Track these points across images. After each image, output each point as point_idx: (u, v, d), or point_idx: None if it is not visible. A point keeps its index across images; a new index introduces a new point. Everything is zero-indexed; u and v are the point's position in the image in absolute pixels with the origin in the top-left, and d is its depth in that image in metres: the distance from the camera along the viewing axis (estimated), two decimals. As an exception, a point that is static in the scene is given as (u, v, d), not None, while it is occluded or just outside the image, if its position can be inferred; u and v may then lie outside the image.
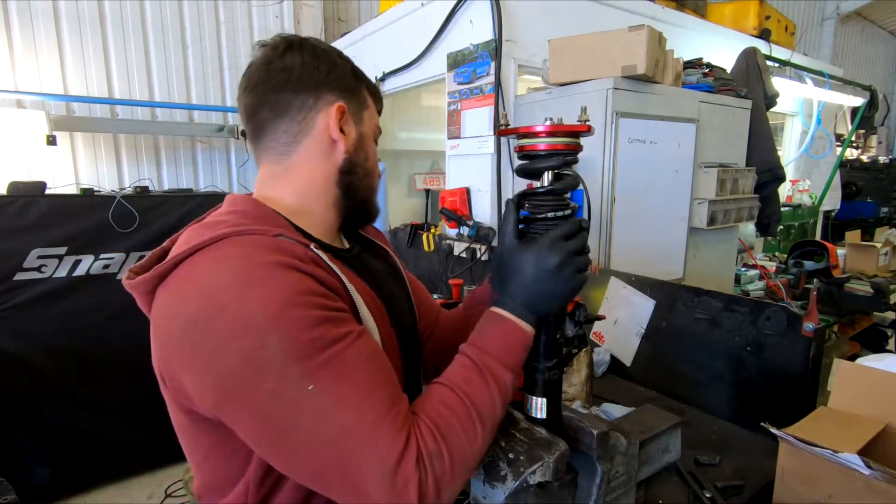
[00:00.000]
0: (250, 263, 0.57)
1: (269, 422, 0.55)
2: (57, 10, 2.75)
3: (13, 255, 2.35)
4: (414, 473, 0.54)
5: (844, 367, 1.13)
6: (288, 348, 0.54)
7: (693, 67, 2.39)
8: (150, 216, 2.64)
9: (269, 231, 0.63)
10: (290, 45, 0.74)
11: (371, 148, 0.82)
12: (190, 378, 0.57)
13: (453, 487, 0.58)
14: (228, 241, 0.60)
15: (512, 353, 0.65)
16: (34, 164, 2.73)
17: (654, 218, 2.17)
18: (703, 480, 1.14)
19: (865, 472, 0.87)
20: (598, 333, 1.86)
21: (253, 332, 0.54)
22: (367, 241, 0.93)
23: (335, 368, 0.56)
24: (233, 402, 0.56)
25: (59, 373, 2.47)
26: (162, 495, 2.61)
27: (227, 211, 0.69)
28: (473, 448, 0.60)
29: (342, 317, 0.60)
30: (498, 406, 0.63)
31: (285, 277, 0.57)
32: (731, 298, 1.47)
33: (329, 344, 0.56)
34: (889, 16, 8.30)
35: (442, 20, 2.34)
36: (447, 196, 2.41)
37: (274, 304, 0.54)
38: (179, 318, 0.57)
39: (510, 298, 0.68)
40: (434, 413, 0.60)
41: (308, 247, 0.64)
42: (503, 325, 0.67)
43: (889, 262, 3.05)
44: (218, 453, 0.65)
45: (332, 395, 0.55)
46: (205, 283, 0.57)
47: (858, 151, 6.66)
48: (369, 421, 0.55)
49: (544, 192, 0.71)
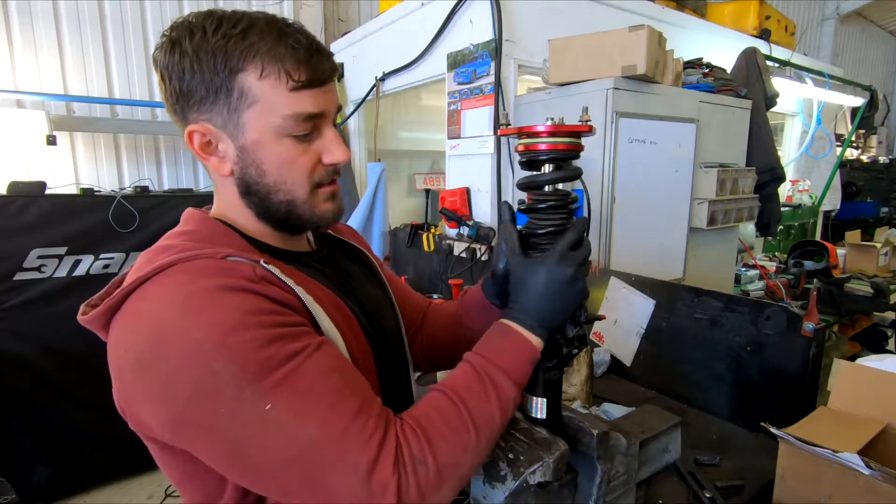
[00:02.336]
0: (194, 291, 0.56)
1: (230, 446, 0.54)
2: (57, 9, 2.75)
3: (13, 255, 2.35)
4: (392, 478, 0.53)
5: (844, 367, 1.13)
6: (239, 371, 0.53)
7: (693, 67, 2.39)
8: (150, 216, 2.64)
9: (217, 253, 0.61)
10: (167, 51, 0.62)
11: (269, 155, 0.65)
12: (147, 410, 0.56)
13: (441, 495, 0.56)
14: (175, 269, 0.59)
15: (518, 367, 0.64)
16: (34, 164, 2.73)
17: (654, 218, 2.17)
18: (703, 480, 1.14)
19: (865, 472, 0.87)
20: (598, 333, 1.86)
21: (201, 360, 0.53)
22: (341, 241, 0.91)
23: (292, 384, 0.54)
24: (191, 431, 0.55)
25: (59, 373, 2.48)
26: (162, 495, 2.61)
27: (178, 232, 0.68)
28: (465, 457, 0.58)
29: (297, 331, 0.58)
30: (497, 417, 0.61)
31: (231, 300, 0.56)
32: (731, 298, 1.47)
33: (283, 361, 0.55)
34: (889, 16, 8.29)
35: (442, 20, 2.34)
36: (447, 196, 2.41)
37: (220, 330, 0.53)
38: (130, 352, 0.56)
39: (521, 312, 0.68)
40: (423, 417, 0.59)
41: (258, 262, 0.62)
42: (513, 338, 0.66)
43: (889, 262, 3.05)
44: (192, 477, 0.64)
45: (291, 411, 0.54)
46: (151, 314, 0.56)
47: (858, 151, 6.65)
48: (336, 431, 0.54)
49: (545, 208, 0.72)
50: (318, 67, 0.63)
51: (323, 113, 0.66)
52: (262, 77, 0.61)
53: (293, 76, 0.62)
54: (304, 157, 0.67)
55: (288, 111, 0.63)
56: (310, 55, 0.63)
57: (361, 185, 3.38)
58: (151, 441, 0.62)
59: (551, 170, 0.72)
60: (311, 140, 0.67)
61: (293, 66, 0.62)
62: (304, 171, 0.67)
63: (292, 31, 0.63)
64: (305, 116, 0.64)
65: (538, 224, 0.73)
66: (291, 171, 0.67)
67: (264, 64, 0.61)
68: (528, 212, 0.75)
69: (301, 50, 0.62)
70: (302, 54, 0.62)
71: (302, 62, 0.62)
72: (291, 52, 0.61)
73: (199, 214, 0.71)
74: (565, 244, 0.68)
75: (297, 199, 0.69)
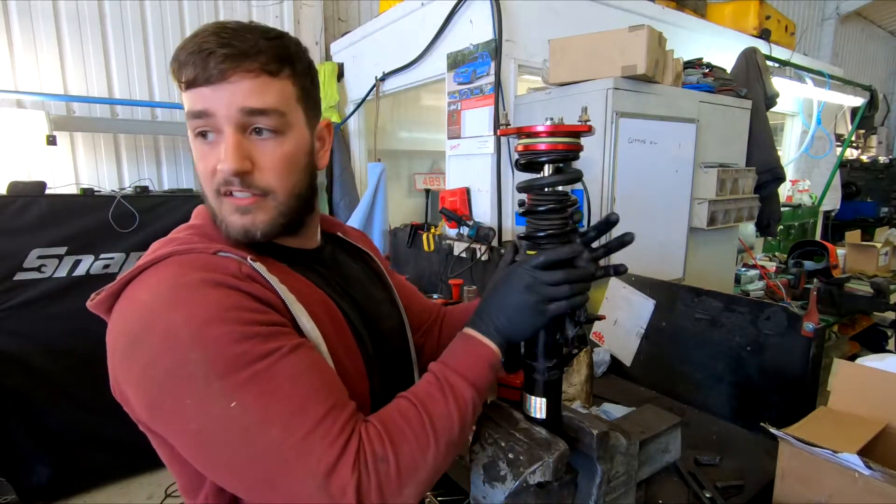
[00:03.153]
0: (179, 282, 0.58)
1: (195, 438, 0.56)
2: (57, 9, 2.75)
3: (13, 255, 2.34)
4: (350, 478, 0.53)
5: (844, 367, 1.13)
6: (210, 365, 0.54)
7: (693, 67, 2.39)
8: (150, 216, 2.64)
9: (210, 248, 0.64)
10: None
11: (193, 154, 0.68)
12: (130, 392, 0.59)
13: (400, 498, 0.57)
14: (169, 261, 0.62)
15: (475, 370, 0.65)
16: (34, 164, 2.73)
17: (654, 218, 2.17)
18: (703, 480, 1.14)
19: (865, 472, 0.87)
20: (598, 333, 1.86)
21: (177, 348, 0.54)
22: (347, 243, 0.91)
23: (261, 384, 0.55)
24: (160, 417, 0.57)
25: (59, 373, 2.47)
26: (162, 495, 2.61)
27: (186, 226, 0.72)
28: (425, 458, 0.59)
29: (274, 331, 0.59)
30: (455, 420, 0.62)
31: (211, 294, 0.57)
32: (731, 298, 1.48)
33: (255, 360, 0.55)
34: (889, 16, 8.29)
35: (442, 20, 2.34)
36: (447, 196, 2.41)
37: (197, 321, 0.55)
38: (122, 335, 0.59)
39: (480, 318, 0.69)
40: (387, 419, 0.60)
41: (244, 259, 0.64)
42: (469, 342, 0.68)
43: (889, 262, 3.05)
44: (177, 461, 0.66)
45: (256, 411, 0.54)
46: (141, 301, 0.59)
47: (858, 151, 6.65)
48: (297, 436, 0.54)
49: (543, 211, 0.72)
50: (203, 66, 0.62)
51: (209, 112, 0.63)
52: (174, 81, 0.66)
53: (177, 76, 0.64)
54: (207, 160, 0.66)
55: (186, 109, 0.66)
56: (196, 56, 0.62)
57: (361, 185, 3.38)
58: (139, 422, 0.64)
59: (550, 171, 0.72)
60: (216, 142, 0.65)
61: (178, 68, 0.64)
62: (205, 173, 0.67)
63: (203, 35, 0.63)
64: (192, 114, 0.64)
65: (538, 226, 0.73)
66: (200, 172, 0.68)
67: (173, 68, 0.65)
68: (527, 214, 0.75)
69: (190, 52, 0.62)
70: (187, 56, 0.62)
71: (185, 63, 0.63)
72: (184, 56, 0.63)
73: (206, 210, 0.72)
74: (537, 260, 0.67)
75: (212, 205, 0.68)
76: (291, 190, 0.70)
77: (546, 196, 0.72)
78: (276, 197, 0.68)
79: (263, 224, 0.68)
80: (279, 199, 0.69)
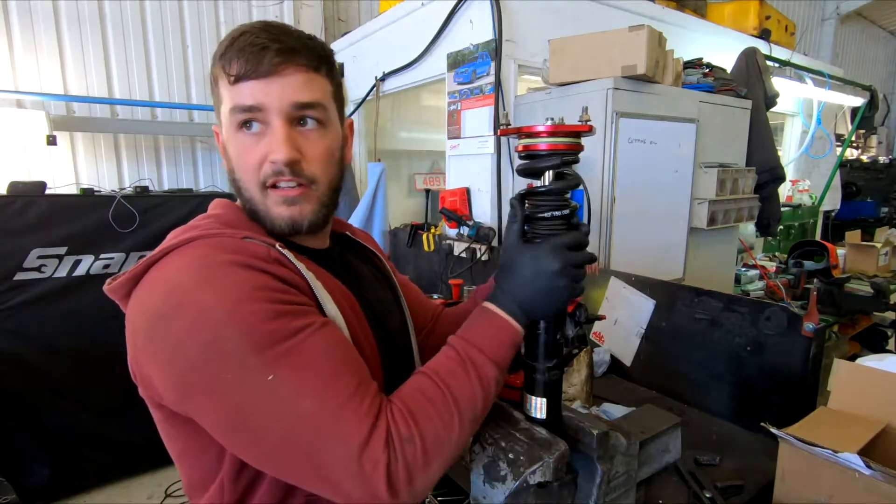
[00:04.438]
0: (210, 262, 0.59)
1: (231, 413, 0.57)
2: (57, 10, 2.75)
3: (13, 255, 2.34)
4: (382, 455, 0.54)
5: (844, 367, 1.13)
6: (246, 340, 0.55)
7: (693, 67, 2.39)
8: (150, 216, 2.64)
9: (237, 234, 0.65)
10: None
11: (232, 149, 0.70)
12: (156, 372, 0.59)
13: (426, 475, 0.58)
14: (196, 243, 0.63)
15: (499, 349, 0.65)
16: (34, 164, 2.73)
17: (654, 218, 2.17)
18: (703, 480, 1.14)
19: (865, 472, 0.87)
20: (598, 333, 1.86)
21: (211, 326, 0.55)
22: (356, 244, 0.93)
23: (295, 358, 0.57)
24: (195, 395, 0.57)
25: (59, 373, 2.47)
26: (162, 495, 2.61)
27: (206, 215, 0.72)
28: (450, 436, 0.59)
29: (303, 310, 0.61)
30: (478, 398, 0.62)
31: (242, 275, 0.59)
32: (731, 298, 1.48)
33: (288, 335, 0.57)
34: (889, 16, 8.29)
35: (442, 20, 2.34)
36: (447, 196, 2.41)
37: (230, 300, 0.56)
38: (147, 314, 0.59)
39: (503, 295, 0.68)
40: (409, 399, 0.60)
41: (273, 246, 0.66)
42: (493, 320, 0.67)
43: (889, 262, 3.05)
44: (191, 451, 0.67)
45: (292, 383, 0.56)
46: (169, 281, 0.60)
47: (858, 151, 6.66)
48: (332, 407, 0.56)
49: (544, 192, 0.71)
50: (256, 61, 0.64)
51: (261, 106, 0.65)
52: (221, 77, 0.67)
53: (228, 70, 0.65)
54: (253, 152, 0.67)
55: (231, 104, 0.67)
56: (249, 51, 0.64)
57: (361, 185, 3.38)
58: (158, 409, 0.65)
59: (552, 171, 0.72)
60: (262, 135, 0.67)
61: (229, 62, 0.65)
62: (251, 166, 0.68)
63: (253, 32, 0.66)
64: (242, 108, 0.66)
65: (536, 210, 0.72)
66: (243, 165, 0.69)
67: (220, 65, 0.67)
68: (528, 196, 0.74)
69: (242, 48, 0.64)
70: (238, 51, 0.65)
71: (237, 58, 0.65)
72: (235, 51, 0.65)
73: (226, 202, 0.75)
74: (563, 240, 0.67)
75: (254, 198, 0.70)
76: (331, 182, 0.73)
77: (545, 200, 0.72)
78: (318, 187, 0.71)
79: (310, 214, 0.70)
80: (321, 190, 0.71)
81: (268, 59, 0.64)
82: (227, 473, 0.65)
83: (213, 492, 0.66)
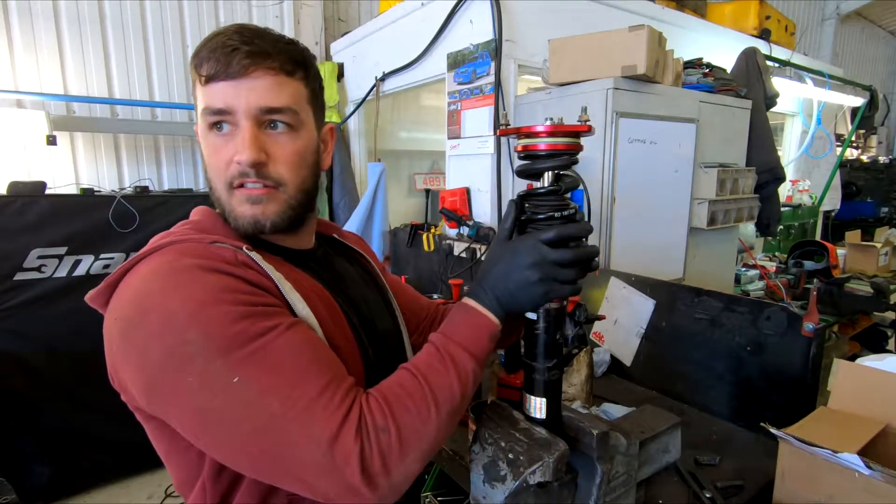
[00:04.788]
0: (175, 267, 0.60)
1: (197, 415, 0.57)
2: (57, 10, 2.75)
3: (13, 255, 2.34)
4: (354, 445, 0.54)
5: (844, 367, 1.13)
6: (210, 343, 0.56)
7: (693, 67, 2.39)
8: (150, 216, 2.64)
9: (205, 238, 0.66)
10: None
11: (204, 150, 0.70)
12: (128, 377, 0.60)
13: (403, 466, 0.58)
14: (165, 250, 0.64)
15: (477, 342, 0.66)
16: (34, 164, 2.73)
17: (654, 218, 2.17)
18: (703, 480, 1.14)
19: (865, 472, 0.87)
20: (598, 333, 1.86)
21: (175, 329, 0.56)
22: (343, 245, 0.93)
23: (261, 360, 0.57)
24: (162, 398, 0.58)
25: (59, 373, 2.48)
26: (162, 495, 2.61)
27: (184, 222, 0.74)
28: (426, 427, 0.59)
29: (269, 311, 0.61)
30: (456, 390, 0.63)
31: (206, 278, 0.60)
32: (731, 298, 1.48)
33: (253, 337, 0.57)
34: (889, 16, 8.29)
35: (442, 20, 2.34)
36: (447, 196, 2.41)
37: (193, 303, 0.57)
38: (118, 321, 0.60)
39: (482, 290, 0.68)
40: (387, 390, 0.61)
41: (240, 249, 0.66)
42: (469, 313, 0.68)
43: (889, 262, 3.05)
44: (174, 451, 0.68)
45: (257, 385, 0.56)
46: (137, 287, 0.61)
47: (858, 151, 6.66)
48: (299, 407, 0.56)
49: (543, 193, 0.71)
50: (226, 62, 0.65)
51: (229, 108, 0.66)
52: (194, 77, 0.68)
53: (199, 70, 0.66)
54: (221, 153, 0.68)
55: (202, 104, 0.68)
56: (220, 52, 0.65)
57: (361, 185, 3.38)
58: (137, 412, 0.66)
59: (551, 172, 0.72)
60: (231, 136, 0.68)
61: (201, 63, 0.66)
62: (219, 166, 0.69)
63: (227, 34, 0.66)
64: (212, 110, 0.67)
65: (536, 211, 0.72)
66: (212, 165, 0.70)
67: (194, 64, 0.67)
68: (527, 197, 0.74)
69: (214, 49, 0.65)
70: (210, 52, 0.65)
71: (208, 59, 0.65)
72: (207, 52, 0.66)
73: (204, 209, 0.76)
74: (543, 235, 0.66)
75: (221, 198, 0.70)
76: (300, 185, 0.73)
77: (544, 201, 0.72)
78: (286, 190, 0.71)
79: (273, 214, 0.70)
80: (289, 192, 0.71)
81: (237, 61, 0.65)
82: (207, 474, 0.66)
83: (197, 491, 0.67)
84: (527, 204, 0.73)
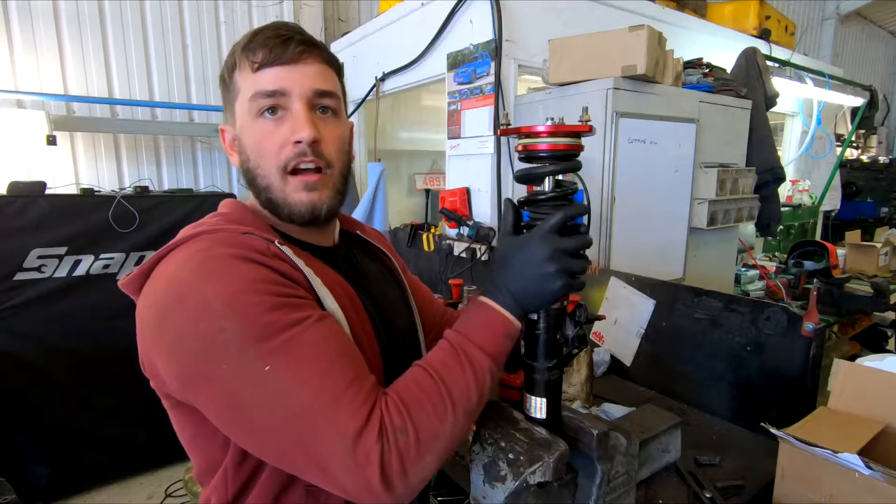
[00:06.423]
0: (210, 256, 0.62)
1: (229, 402, 0.58)
2: (57, 10, 2.75)
3: (13, 255, 2.35)
4: (375, 446, 0.55)
5: (844, 367, 1.13)
6: (244, 332, 0.57)
7: (693, 67, 2.40)
8: (150, 216, 2.64)
9: (238, 229, 0.67)
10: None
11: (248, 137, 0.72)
12: (161, 363, 0.61)
13: (420, 466, 0.58)
14: (199, 238, 0.65)
15: (493, 341, 0.65)
16: (34, 164, 2.73)
17: (654, 218, 2.17)
18: (703, 480, 1.14)
19: (865, 472, 0.87)
20: (598, 333, 1.86)
21: (210, 317, 0.57)
22: (365, 242, 0.94)
23: (292, 350, 0.58)
24: (196, 384, 0.59)
25: (59, 373, 2.47)
26: (162, 495, 2.61)
27: (214, 214, 0.75)
28: (444, 427, 0.59)
29: (301, 302, 0.62)
30: (473, 390, 0.62)
31: (241, 267, 0.61)
32: (731, 298, 1.48)
33: (285, 327, 0.58)
34: (889, 16, 8.29)
35: (442, 20, 2.34)
36: (447, 196, 2.41)
37: (228, 292, 0.58)
38: (152, 308, 0.62)
39: (496, 287, 0.68)
40: (404, 390, 0.61)
41: (272, 241, 0.68)
42: (486, 312, 0.67)
43: (889, 262, 3.05)
44: (200, 438, 0.69)
45: (288, 374, 0.57)
46: (172, 275, 0.62)
47: (858, 151, 6.65)
48: (327, 398, 0.56)
49: (545, 199, 0.71)
50: (280, 49, 0.68)
51: (284, 90, 0.69)
52: (240, 69, 0.71)
53: (252, 58, 0.69)
54: (274, 136, 0.69)
55: (252, 90, 0.69)
56: (274, 41, 0.68)
57: (361, 185, 3.38)
58: (167, 399, 0.68)
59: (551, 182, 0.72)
60: (282, 119, 0.70)
61: (253, 51, 0.69)
62: (272, 150, 0.70)
63: (275, 27, 0.70)
64: (265, 93, 0.69)
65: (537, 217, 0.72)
66: (262, 151, 0.70)
67: (241, 57, 0.70)
68: (528, 204, 0.74)
69: (267, 38, 0.69)
70: (263, 40, 0.69)
71: (262, 46, 0.69)
72: (259, 42, 0.69)
73: (233, 202, 0.78)
74: (549, 226, 0.66)
75: (272, 186, 0.71)
76: (343, 169, 0.76)
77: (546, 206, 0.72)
78: (333, 172, 0.74)
79: (328, 198, 0.73)
80: (336, 176, 0.75)
81: (292, 48, 0.69)
82: (230, 460, 0.67)
83: (219, 477, 0.68)
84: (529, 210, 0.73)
